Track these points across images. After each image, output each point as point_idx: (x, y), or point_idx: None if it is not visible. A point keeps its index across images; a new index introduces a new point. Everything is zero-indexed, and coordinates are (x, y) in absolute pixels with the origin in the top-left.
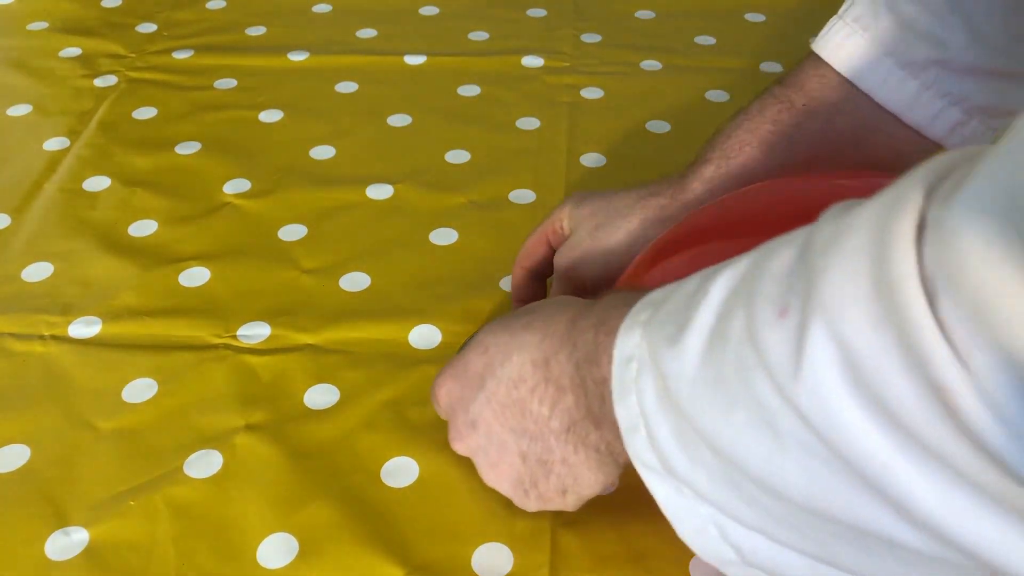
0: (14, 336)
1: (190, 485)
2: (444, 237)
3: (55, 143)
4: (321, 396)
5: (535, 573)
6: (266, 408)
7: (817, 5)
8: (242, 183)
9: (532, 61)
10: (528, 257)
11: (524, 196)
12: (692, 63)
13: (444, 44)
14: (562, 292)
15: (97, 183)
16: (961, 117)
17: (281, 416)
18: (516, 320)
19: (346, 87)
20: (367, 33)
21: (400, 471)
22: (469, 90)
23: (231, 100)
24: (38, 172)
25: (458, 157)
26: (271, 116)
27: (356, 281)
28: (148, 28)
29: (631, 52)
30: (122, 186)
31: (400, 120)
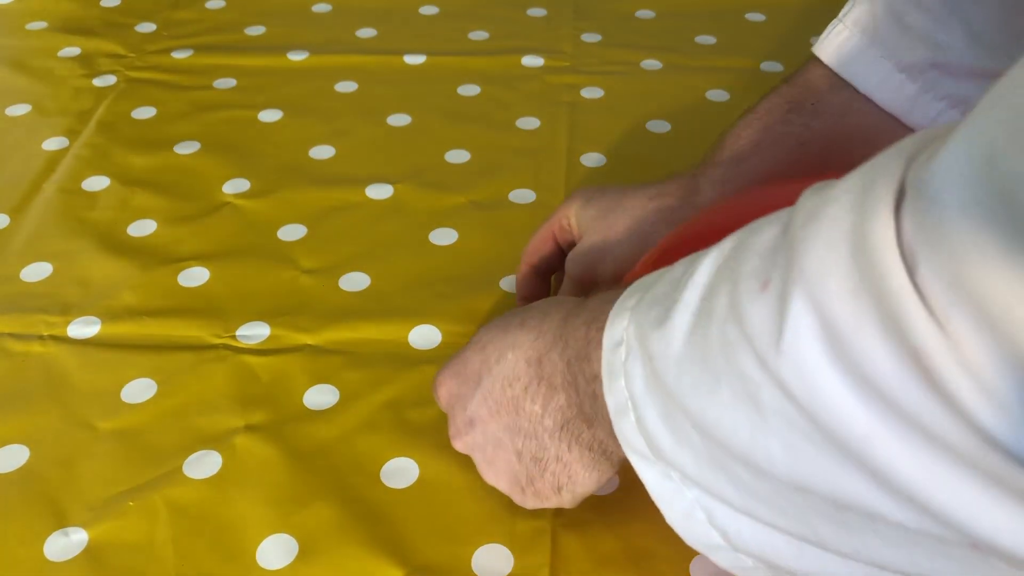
0: (13, 336)
1: (189, 486)
2: (444, 237)
3: (54, 143)
4: (321, 396)
5: (535, 574)
6: (266, 408)
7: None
8: (241, 183)
9: (532, 61)
10: (534, 254)
11: (524, 196)
12: (693, 63)
13: (444, 44)
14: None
15: (96, 183)
16: (962, 119)
17: (281, 417)
18: (513, 318)
19: (346, 87)
20: (367, 33)
21: (400, 472)
22: (469, 90)
23: (230, 100)
24: (37, 172)
25: (458, 157)
26: (271, 116)
27: (356, 281)
28: (147, 28)
29: (631, 52)
30: (121, 186)
31: (400, 120)
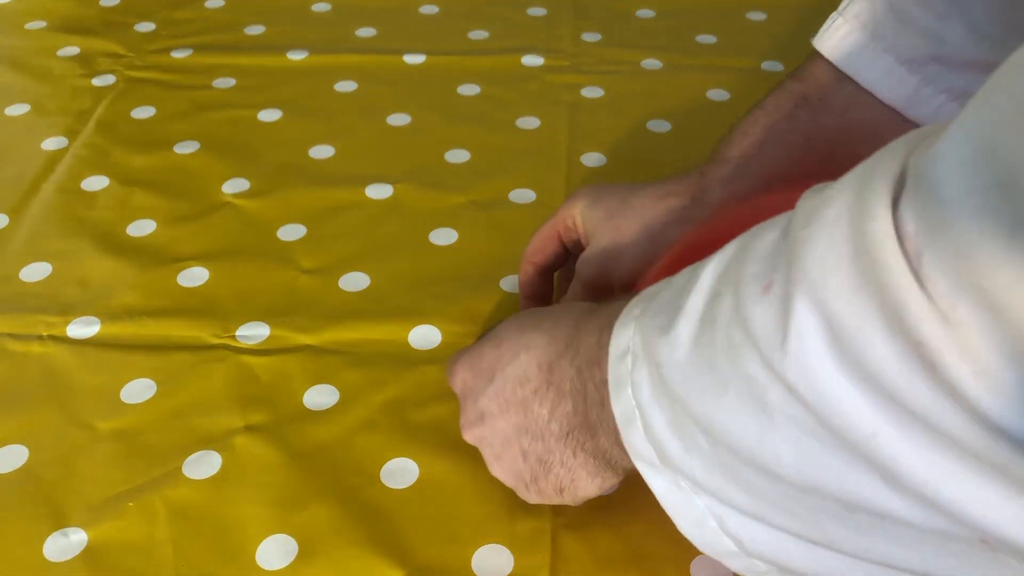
0: (12, 336)
1: (189, 486)
2: (444, 237)
3: (53, 142)
4: (320, 397)
5: (535, 574)
6: (265, 409)
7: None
8: (241, 183)
9: (532, 60)
10: (538, 253)
11: (524, 196)
12: (693, 62)
13: (444, 43)
14: (584, 298)
15: (95, 183)
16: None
17: (280, 417)
18: (530, 318)
19: (345, 86)
20: (366, 32)
21: (400, 472)
22: (469, 89)
23: (230, 99)
24: (36, 172)
25: (458, 157)
26: (270, 115)
27: (355, 281)
28: (147, 27)
29: (632, 51)
30: (120, 186)
31: (399, 119)
